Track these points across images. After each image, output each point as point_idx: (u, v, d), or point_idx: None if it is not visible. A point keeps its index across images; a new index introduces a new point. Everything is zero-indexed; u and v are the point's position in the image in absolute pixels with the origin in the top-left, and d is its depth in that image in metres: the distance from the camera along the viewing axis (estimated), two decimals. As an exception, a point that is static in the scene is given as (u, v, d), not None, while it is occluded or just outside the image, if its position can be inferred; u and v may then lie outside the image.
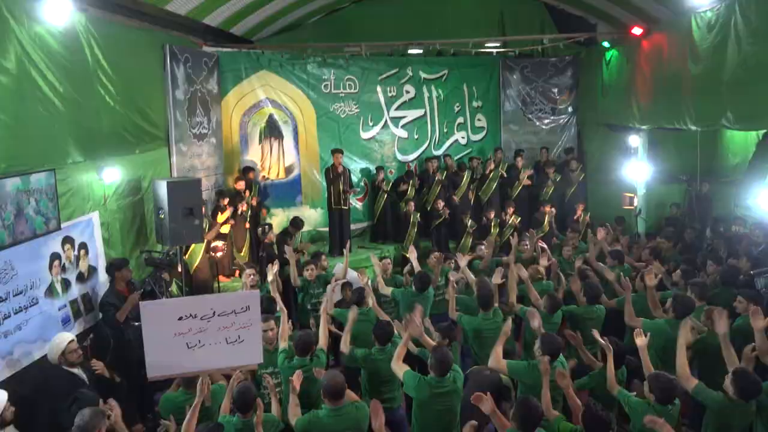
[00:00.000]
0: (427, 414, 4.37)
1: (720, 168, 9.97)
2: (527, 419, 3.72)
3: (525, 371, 4.63)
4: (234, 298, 3.95)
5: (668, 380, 4.05)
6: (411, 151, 11.57)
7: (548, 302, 5.76)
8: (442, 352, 4.41)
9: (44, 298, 5.27)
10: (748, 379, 4.06)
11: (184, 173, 8.14)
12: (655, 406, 4.03)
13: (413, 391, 4.39)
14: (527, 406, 3.77)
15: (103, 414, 3.60)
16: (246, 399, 4.01)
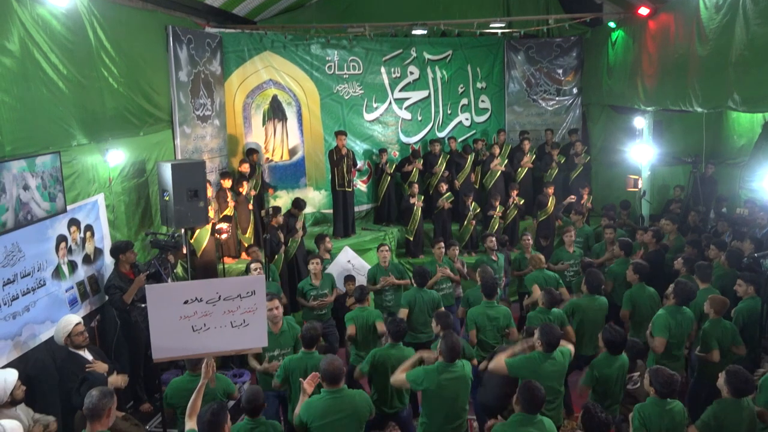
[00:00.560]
0: (436, 402, 4.38)
1: (725, 150, 9.92)
2: (531, 402, 3.77)
3: (523, 365, 4.58)
4: (239, 282, 3.97)
5: (669, 375, 4.07)
6: (414, 132, 11.52)
7: (546, 298, 5.76)
8: (452, 339, 4.42)
9: (51, 279, 5.32)
10: (741, 377, 4.07)
11: (188, 155, 8.15)
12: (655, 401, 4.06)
13: (423, 384, 4.38)
14: (530, 390, 3.82)
15: (111, 394, 3.65)
16: (256, 403, 4.05)
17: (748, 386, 4.07)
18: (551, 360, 4.53)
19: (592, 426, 3.79)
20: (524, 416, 3.80)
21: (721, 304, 5.32)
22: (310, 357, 4.78)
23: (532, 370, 4.47)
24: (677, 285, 5.47)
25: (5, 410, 4.06)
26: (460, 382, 4.41)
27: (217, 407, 3.55)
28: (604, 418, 3.79)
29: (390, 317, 5.63)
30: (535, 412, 3.79)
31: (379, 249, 7.44)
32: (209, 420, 3.48)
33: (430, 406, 4.43)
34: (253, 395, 4.11)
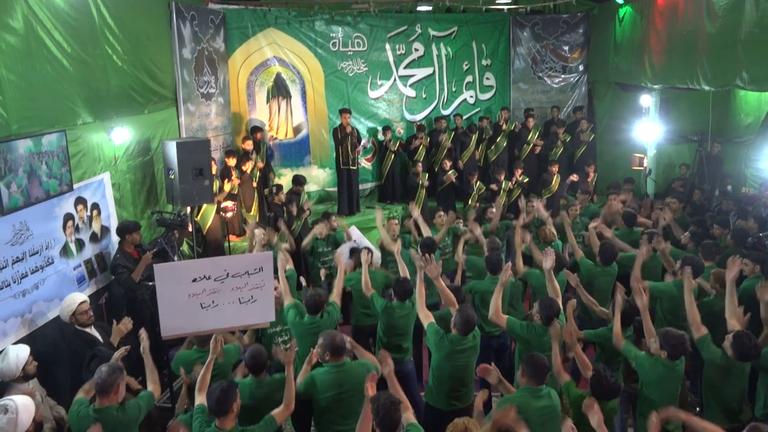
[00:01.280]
0: (445, 368, 4.44)
1: (732, 128, 9.86)
2: (536, 373, 3.82)
3: (523, 330, 4.68)
4: (247, 259, 4.01)
5: (679, 336, 4.11)
6: (419, 110, 11.46)
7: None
8: (467, 312, 4.45)
9: (59, 258, 5.36)
10: (748, 343, 4.12)
11: (192, 133, 8.14)
12: (663, 361, 4.12)
13: (434, 346, 4.46)
14: (534, 361, 3.86)
15: (120, 370, 3.70)
16: (258, 361, 4.13)
17: (753, 352, 4.12)
18: (549, 332, 4.56)
19: (602, 390, 3.84)
20: (532, 389, 3.84)
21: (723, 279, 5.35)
22: (314, 323, 4.84)
23: (529, 340, 4.53)
24: (684, 260, 5.46)
25: (18, 385, 4.12)
26: (470, 352, 4.47)
27: (227, 385, 3.60)
28: (613, 383, 3.85)
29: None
30: (541, 382, 3.84)
31: (388, 221, 7.51)
32: (218, 398, 3.53)
33: (439, 374, 4.48)
34: (256, 353, 4.17)
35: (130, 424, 3.71)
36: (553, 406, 3.84)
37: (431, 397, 4.60)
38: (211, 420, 3.60)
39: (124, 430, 3.66)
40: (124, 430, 3.67)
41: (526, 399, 3.80)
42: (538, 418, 3.69)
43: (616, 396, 3.95)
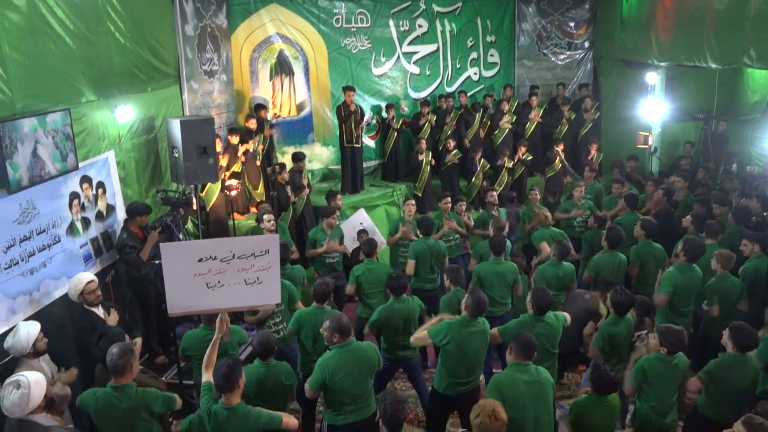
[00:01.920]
0: (456, 355, 4.45)
1: (738, 106, 9.78)
2: (523, 350, 3.89)
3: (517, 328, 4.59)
4: (254, 241, 4.02)
5: (678, 332, 4.17)
6: (423, 87, 11.39)
7: (557, 250, 5.80)
8: (480, 295, 4.47)
9: (66, 236, 5.39)
10: (745, 332, 4.15)
11: (196, 111, 8.12)
12: (662, 357, 4.17)
13: (446, 338, 4.42)
14: (521, 339, 3.94)
15: (131, 350, 3.75)
16: (266, 347, 4.20)
17: (752, 341, 4.15)
18: (542, 323, 4.58)
19: (602, 384, 3.90)
20: (519, 364, 3.91)
21: (727, 259, 5.38)
22: (322, 312, 4.88)
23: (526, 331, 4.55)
24: (686, 242, 5.50)
25: (29, 361, 4.19)
26: (480, 336, 4.50)
27: (233, 363, 3.67)
28: (612, 377, 3.91)
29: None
30: (528, 359, 3.90)
31: (405, 203, 7.56)
32: (225, 374, 3.59)
33: (449, 359, 4.49)
34: (264, 339, 4.26)
35: (144, 408, 3.76)
36: (540, 381, 3.90)
37: (439, 383, 4.63)
38: (218, 396, 3.67)
39: (138, 411, 3.73)
40: (138, 412, 3.73)
41: (513, 375, 3.88)
42: (526, 392, 3.76)
43: (616, 390, 4.01)
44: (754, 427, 3.18)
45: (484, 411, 3.30)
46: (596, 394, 3.96)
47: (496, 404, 3.36)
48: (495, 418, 3.26)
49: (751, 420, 3.23)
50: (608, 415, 4.02)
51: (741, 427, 3.23)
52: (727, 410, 4.14)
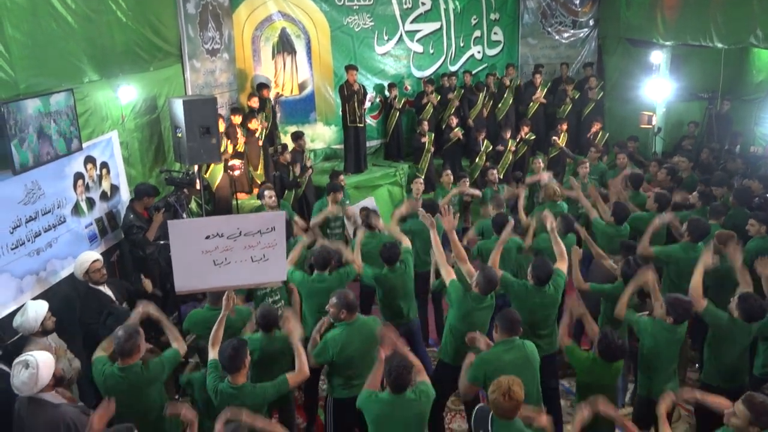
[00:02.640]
0: (461, 326, 4.51)
1: (743, 85, 9.73)
2: (508, 327, 3.95)
3: (516, 287, 4.72)
4: (260, 218, 4.05)
5: (686, 302, 4.22)
6: (427, 66, 11.29)
7: (562, 224, 5.79)
8: (491, 272, 4.51)
9: (71, 216, 5.43)
10: (754, 303, 4.22)
11: (198, 90, 8.09)
12: (666, 325, 4.22)
13: (454, 303, 4.51)
14: (506, 315, 4.01)
15: (137, 332, 3.79)
16: (269, 320, 4.26)
17: (759, 312, 4.22)
18: (541, 293, 4.64)
19: (609, 352, 3.95)
20: (505, 341, 3.96)
21: (727, 238, 5.39)
22: (322, 279, 4.92)
23: (522, 298, 4.63)
24: (690, 222, 5.49)
25: (37, 339, 4.24)
26: (487, 312, 4.56)
27: (238, 343, 3.72)
28: (620, 344, 3.95)
29: None
30: (513, 334, 3.96)
31: (414, 181, 7.59)
32: (230, 356, 3.65)
33: (455, 331, 4.55)
34: (266, 312, 4.32)
35: (154, 382, 3.83)
36: (527, 356, 3.97)
37: (444, 354, 4.71)
38: (224, 375, 3.73)
39: (147, 386, 3.79)
40: (148, 387, 3.80)
41: (499, 352, 3.95)
42: (512, 368, 3.78)
43: (623, 357, 4.06)
44: (755, 406, 3.21)
45: (500, 389, 3.27)
46: (602, 359, 4.01)
47: (514, 382, 3.30)
48: (509, 398, 3.24)
49: (753, 398, 3.26)
50: (611, 379, 4.12)
51: (742, 406, 3.25)
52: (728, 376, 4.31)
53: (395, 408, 3.48)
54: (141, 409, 3.77)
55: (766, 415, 3.19)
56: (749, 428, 3.22)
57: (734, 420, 3.28)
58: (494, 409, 3.30)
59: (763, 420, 3.20)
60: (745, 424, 3.22)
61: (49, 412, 3.48)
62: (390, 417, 3.50)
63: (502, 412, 3.27)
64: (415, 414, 3.55)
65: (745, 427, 3.23)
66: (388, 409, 3.49)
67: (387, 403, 3.51)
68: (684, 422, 5.27)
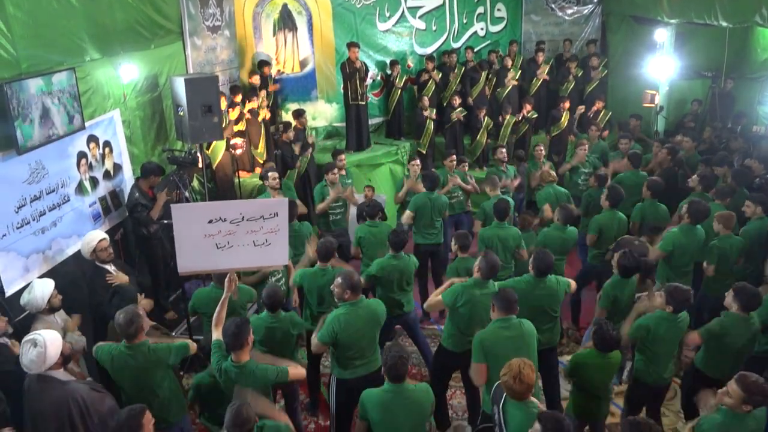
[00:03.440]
0: (466, 315, 4.55)
1: (747, 64, 9.67)
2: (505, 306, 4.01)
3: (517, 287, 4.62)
4: (263, 204, 4.09)
5: (685, 291, 4.24)
6: (429, 43, 11.21)
7: (561, 214, 5.83)
8: (493, 258, 4.54)
9: (75, 195, 5.47)
10: (750, 292, 4.25)
11: (199, 68, 8.06)
12: (667, 315, 4.25)
13: (460, 301, 4.50)
14: (502, 294, 4.06)
15: (137, 315, 3.84)
16: (274, 300, 4.34)
17: (755, 301, 4.26)
18: (543, 284, 4.65)
19: (604, 342, 4.02)
20: (502, 320, 4.00)
21: (728, 219, 5.43)
22: (325, 271, 4.98)
23: (522, 292, 4.60)
24: (691, 204, 5.52)
25: (44, 316, 4.32)
26: (490, 298, 4.55)
27: (240, 322, 3.78)
28: (615, 335, 4.02)
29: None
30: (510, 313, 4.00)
31: (410, 163, 7.56)
32: (233, 333, 3.72)
33: (460, 320, 4.59)
34: (272, 292, 4.40)
35: (159, 365, 3.90)
36: (523, 334, 4.02)
37: (447, 341, 4.76)
38: (227, 354, 3.81)
39: (154, 368, 3.87)
40: (154, 369, 3.87)
41: (497, 331, 4.00)
42: (510, 346, 3.85)
43: (617, 348, 4.12)
44: (748, 386, 3.27)
45: (511, 371, 3.33)
46: (598, 351, 4.07)
47: (525, 365, 3.36)
48: (519, 381, 3.30)
49: (746, 378, 3.32)
50: (607, 371, 4.16)
51: (735, 385, 3.32)
52: (726, 367, 4.27)
53: (396, 395, 3.56)
54: (148, 390, 3.85)
55: (759, 394, 3.27)
56: (742, 407, 3.30)
57: (727, 399, 3.35)
58: (506, 391, 3.39)
59: (755, 399, 3.28)
60: (738, 403, 3.30)
61: (58, 388, 3.57)
62: (391, 404, 3.56)
63: (513, 393, 3.37)
64: (415, 400, 3.61)
65: (738, 406, 3.31)
66: (389, 397, 3.57)
67: (387, 390, 3.59)
68: (679, 399, 5.36)
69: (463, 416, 5.31)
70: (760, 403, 3.33)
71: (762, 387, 3.27)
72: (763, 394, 3.27)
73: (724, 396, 3.37)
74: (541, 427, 2.97)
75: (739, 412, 3.32)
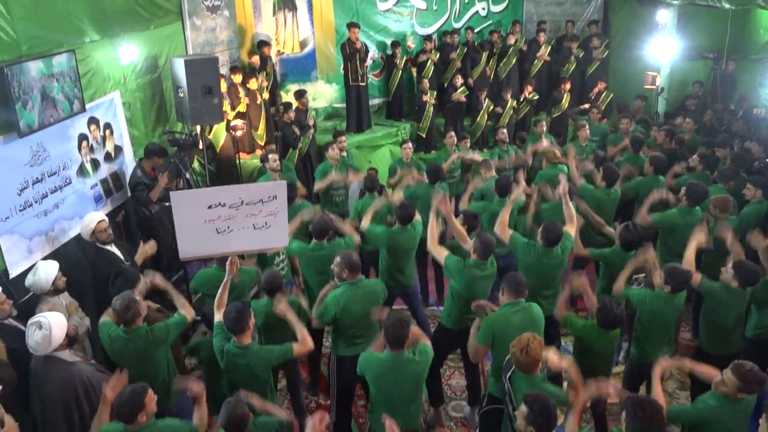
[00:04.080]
0: (463, 295, 4.60)
1: (749, 45, 9.61)
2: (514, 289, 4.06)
3: (524, 248, 4.82)
4: (261, 188, 4.11)
5: (684, 272, 4.30)
6: (430, 23, 11.13)
7: None
8: (486, 237, 4.59)
9: (76, 177, 5.48)
10: (749, 268, 4.32)
11: (199, 49, 8.02)
12: (664, 294, 4.30)
13: (456, 275, 4.58)
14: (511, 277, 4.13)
15: (134, 300, 3.89)
16: (274, 285, 4.37)
17: (754, 277, 4.33)
18: (550, 254, 4.74)
19: (607, 320, 4.08)
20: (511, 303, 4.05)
21: (725, 203, 5.45)
22: (321, 248, 4.99)
23: (529, 258, 4.72)
24: (689, 186, 5.53)
25: (49, 298, 4.36)
26: (488, 278, 4.65)
27: (241, 306, 3.83)
28: (618, 313, 4.07)
29: None
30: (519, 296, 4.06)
31: (402, 146, 7.52)
32: (234, 317, 3.77)
33: (459, 298, 4.65)
34: (271, 277, 4.44)
35: (160, 346, 3.97)
36: (533, 318, 4.07)
37: (447, 320, 4.83)
38: (229, 336, 3.86)
39: (153, 350, 3.93)
40: (154, 350, 3.94)
41: (506, 314, 4.05)
42: (519, 329, 3.86)
43: (621, 326, 4.19)
44: (744, 374, 3.33)
45: (519, 344, 3.45)
46: (600, 328, 4.13)
47: (534, 340, 3.46)
48: (526, 353, 3.41)
49: (741, 367, 3.37)
50: (608, 344, 4.25)
51: (731, 374, 3.37)
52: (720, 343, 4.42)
53: (394, 366, 3.61)
54: (148, 371, 3.91)
55: (754, 383, 3.33)
56: (737, 394, 3.37)
57: (722, 388, 3.41)
58: (514, 363, 3.51)
59: (750, 387, 3.35)
60: (734, 391, 3.37)
61: (64, 369, 3.64)
62: (388, 375, 3.63)
63: (519, 365, 3.48)
64: (413, 372, 3.67)
65: (733, 394, 3.38)
66: (387, 367, 3.63)
67: (386, 361, 3.64)
68: (674, 380, 5.45)
69: (462, 396, 5.39)
70: (755, 391, 3.41)
71: (757, 375, 3.33)
72: (759, 382, 3.33)
73: (720, 385, 3.43)
74: (528, 408, 3.04)
75: (734, 399, 3.39)
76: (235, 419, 3.15)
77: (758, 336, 4.68)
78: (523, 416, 3.06)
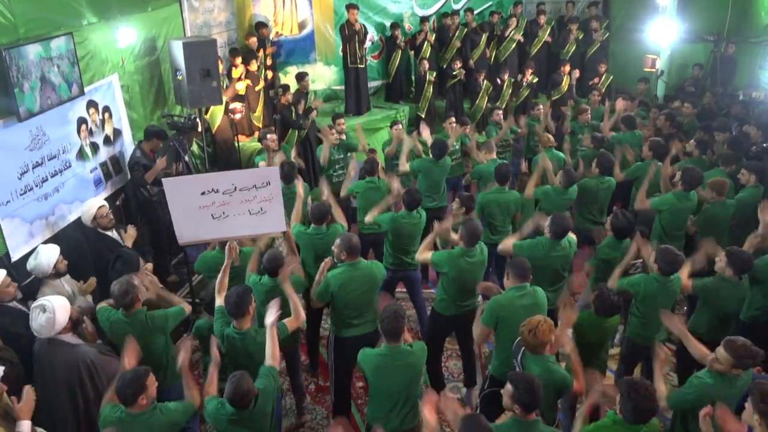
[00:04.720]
0: (455, 282, 4.66)
1: (749, 28, 9.56)
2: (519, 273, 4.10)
3: (531, 250, 4.74)
4: (254, 174, 4.14)
5: (676, 255, 4.31)
6: (430, 4, 11.05)
7: (564, 178, 5.84)
8: (473, 224, 4.63)
9: (76, 161, 5.51)
10: (742, 256, 4.35)
11: (197, 30, 7.97)
12: (657, 277, 4.34)
13: (444, 264, 4.63)
14: (516, 262, 4.19)
15: (132, 285, 3.92)
16: (275, 264, 4.38)
17: (748, 264, 4.36)
18: (558, 247, 4.74)
19: (605, 307, 4.13)
20: (517, 287, 4.09)
21: (721, 186, 5.48)
22: (319, 232, 5.03)
23: (538, 255, 4.71)
24: (685, 171, 5.56)
25: (51, 281, 4.40)
26: (477, 265, 4.69)
27: (242, 290, 3.87)
28: (615, 301, 4.13)
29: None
30: (524, 280, 4.10)
31: (392, 127, 7.46)
32: (235, 302, 3.81)
33: (450, 286, 4.71)
34: (272, 257, 4.44)
35: (157, 332, 4.02)
36: (538, 303, 4.11)
37: (440, 306, 4.88)
38: (230, 320, 3.91)
39: (151, 335, 3.98)
40: (152, 336, 3.99)
41: (512, 296, 4.09)
42: (524, 312, 3.91)
43: (618, 313, 4.23)
44: (736, 350, 3.37)
45: (529, 324, 3.55)
46: (598, 315, 4.18)
47: (544, 323, 3.53)
48: (534, 335, 3.51)
49: (733, 343, 3.41)
50: (605, 332, 4.30)
51: (724, 351, 3.42)
52: (718, 330, 4.40)
53: (392, 358, 3.67)
54: (147, 354, 3.92)
55: (748, 357, 3.38)
56: (732, 371, 3.42)
57: (717, 365, 3.46)
58: (524, 344, 3.60)
59: (743, 361, 3.39)
60: (729, 368, 3.41)
61: (68, 352, 3.70)
62: (387, 367, 3.68)
63: (528, 346, 3.57)
64: (410, 363, 3.73)
65: (728, 371, 3.43)
66: (385, 360, 3.68)
67: (383, 354, 3.70)
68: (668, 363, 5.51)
69: (458, 378, 5.47)
70: (748, 366, 3.45)
71: (750, 350, 3.37)
72: (752, 357, 3.38)
73: (714, 362, 3.47)
74: (513, 387, 3.12)
75: (729, 375, 3.43)
76: (241, 392, 3.23)
77: (753, 318, 4.70)
78: (508, 395, 3.14)
